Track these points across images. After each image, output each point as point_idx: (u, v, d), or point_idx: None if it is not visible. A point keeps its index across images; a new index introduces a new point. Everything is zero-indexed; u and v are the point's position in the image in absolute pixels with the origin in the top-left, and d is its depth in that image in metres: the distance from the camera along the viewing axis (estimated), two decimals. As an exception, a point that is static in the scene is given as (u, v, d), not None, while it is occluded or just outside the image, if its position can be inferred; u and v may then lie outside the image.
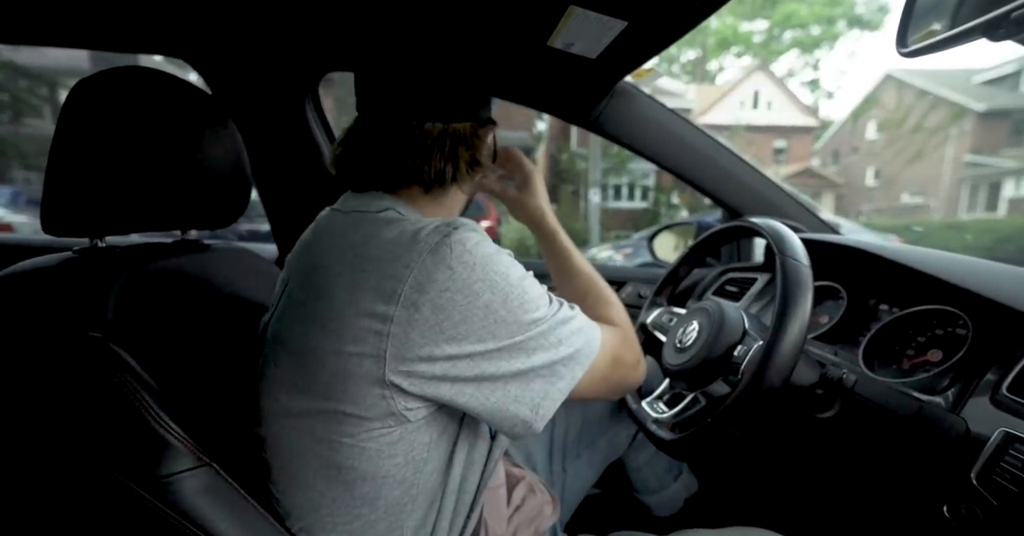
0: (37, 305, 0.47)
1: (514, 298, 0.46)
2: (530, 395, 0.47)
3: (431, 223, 0.47)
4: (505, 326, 0.45)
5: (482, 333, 0.44)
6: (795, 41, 20.49)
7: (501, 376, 0.46)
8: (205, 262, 0.67)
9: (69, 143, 0.51)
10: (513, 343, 0.45)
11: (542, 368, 0.47)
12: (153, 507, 0.44)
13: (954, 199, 13.63)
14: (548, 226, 0.72)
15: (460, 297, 0.44)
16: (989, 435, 0.46)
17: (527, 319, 0.46)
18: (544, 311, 0.48)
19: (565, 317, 0.49)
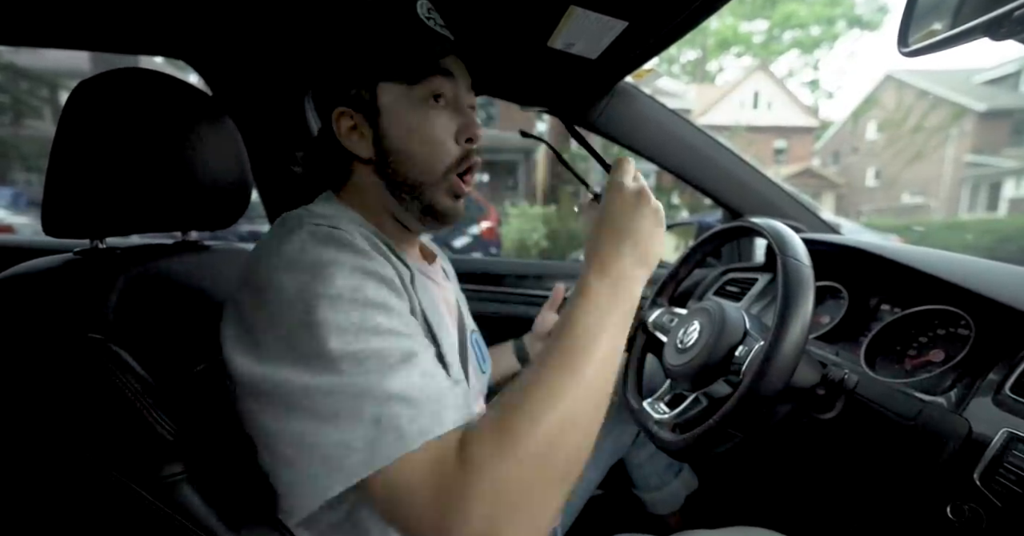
0: (39, 306, 0.47)
1: (298, 315, 0.39)
2: (282, 473, 0.39)
3: (292, 220, 0.48)
4: (281, 345, 0.39)
5: (265, 344, 0.40)
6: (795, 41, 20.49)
7: (262, 420, 0.40)
8: (206, 263, 0.67)
9: (70, 145, 0.51)
10: (278, 381, 0.39)
11: (294, 441, 0.37)
12: (154, 508, 0.44)
13: (955, 199, 13.62)
14: (614, 269, 0.47)
15: (259, 296, 0.42)
16: (992, 436, 0.46)
17: (305, 351, 0.38)
18: (337, 351, 0.37)
19: (365, 386, 0.37)
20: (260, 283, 0.42)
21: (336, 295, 0.39)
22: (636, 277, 0.47)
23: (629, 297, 0.46)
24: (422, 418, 0.37)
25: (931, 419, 0.52)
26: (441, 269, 0.69)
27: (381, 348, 0.39)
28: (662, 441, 0.67)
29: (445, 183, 0.54)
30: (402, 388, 0.37)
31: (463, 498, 0.34)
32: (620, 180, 0.50)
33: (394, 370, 0.38)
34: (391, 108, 0.52)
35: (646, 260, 0.48)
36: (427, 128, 0.52)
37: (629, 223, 0.47)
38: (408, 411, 0.37)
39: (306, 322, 0.38)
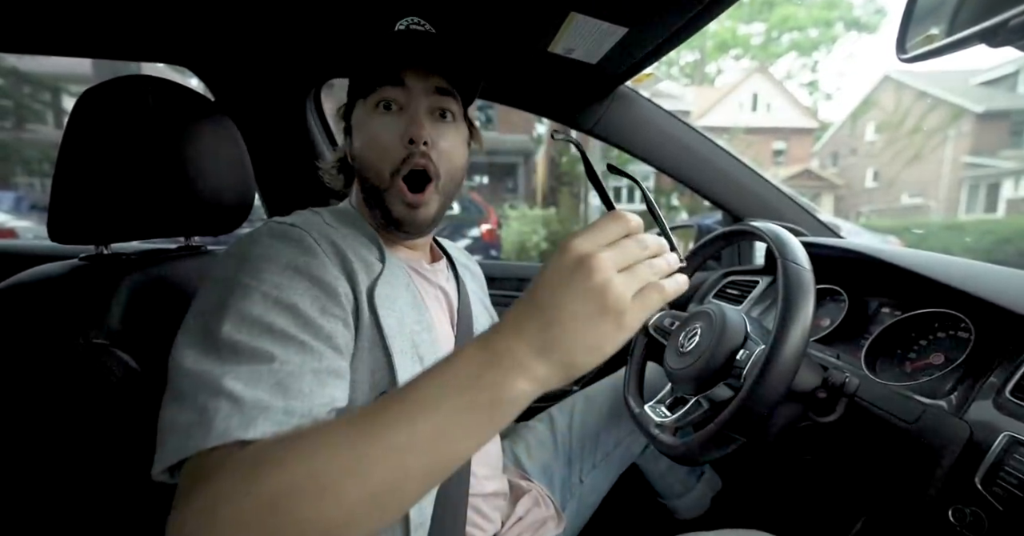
0: (46, 312, 0.47)
1: (212, 297, 0.43)
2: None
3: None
4: (186, 322, 0.43)
5: (187, 317, 0.44)
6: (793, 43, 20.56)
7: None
8: (208, 268, 0.67)
9: (76, 152, 0.52)
10: (175, 350, 0.41)
11: (166, 411, 0.39)
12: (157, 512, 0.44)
13: (953, 200, 13.63)
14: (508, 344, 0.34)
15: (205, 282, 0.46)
16: (993, 439, 0.46)
17: (201, 330, 0.41)
18: (227, 338, 0.39)
19: (215, 386, 0.37)
20: (212, 270, 0.46)
21: (254, 287, 0.42)
22: (525, 368, 0.32)
23: (499, 389, 0.32)
24: (233, 418, 0.36)
25: (932, 422, 0.52)
26: (446, 270, 0.69)
27: (260, 348, 0.39)
28: (663, 445, 0.67)
29: (395, 188, 0.55)
30: (238, 389, 0.37)
31: (183, 507, 0.33)
32: (572, 241, 0.34)
33: (250, 371, 0.38)
34: (356, 122, 0.58)
35: (552, 353, 0.32)
36: (374, 132, 0.55)
37: (548, 297, 0.33)
38: (227, 408, 0.36)
39: (217, 304, 0.41)
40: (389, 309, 0.50)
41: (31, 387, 0.45)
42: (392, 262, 0.54)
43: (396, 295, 0.52)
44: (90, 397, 0.45)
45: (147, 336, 0.51)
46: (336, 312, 0.45)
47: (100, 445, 0.45)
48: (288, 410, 0.38)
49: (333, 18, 0.80)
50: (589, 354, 0.33)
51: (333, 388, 0.42)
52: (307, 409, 0.39)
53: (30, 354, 0.46)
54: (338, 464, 0.31)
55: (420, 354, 0.52)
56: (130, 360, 0.47)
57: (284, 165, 1.11)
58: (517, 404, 0.33)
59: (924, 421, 0.53)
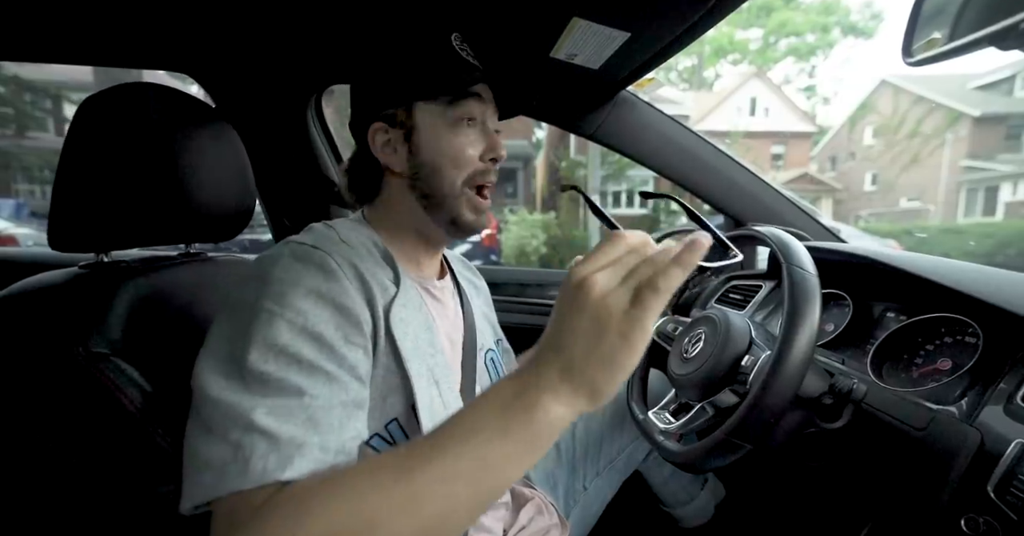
0: (45, 320, 0.46)
1: (235, 324, 0.42)
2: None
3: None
4: (206, 346, 0.42)
5: (207, 341, 0.43)
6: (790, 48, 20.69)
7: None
8: (209, 274, 0.67)
9: (77, 159, 0.51)
10: (197, 375, 0.40)
11: (191, 445, 0.38)
12: (157, 520, 0.43)
13: (952, 203, 13.66)
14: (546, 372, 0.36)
15: (228, 300, 0.45)
16: (1005, 447, 0.45)
17: (227, 357, 0.40)
18: (264, 366, 0.39)
19: (233, 413, 0.37)
20: (232, 292, 0.45)
21: (278, 313, 0.41)
22: (555, 391, 0.34)
23: (533, 411, 0.34)
24: (270, 457, 0.36)
25: (941, 429, 0.52)
26: (452, 285, 0.68)
27: (288, 379, 0.39)
28: (668, 452, 0.66)
29: (464, 197, 0.57)
30: (273, 426, 0.37)
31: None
32: (574, 268, 0.35)
33: (281, 405, 0.38)
34: (426, 126, 0.56)
35: (573, 374, 0.34)
36: (458, 146, 0.56)
37: (560, 323, 0.35)
38: (263, 446, 0.36)
39: (242, 330, 0.40)
40: (404, 332, 0.50)
41: (31, 395, 0.45)
42: (406, 283, 0.54)
43: (411, 318, 0.52)
44: (90, 406, 0.45)
45: (147, 344, 0.51)
46: (358, 340, 0.45)
47: (100, 454, 0.44)
48: (323, 446, 0.38)
49: (334, 25, 0.80)
50: (604, 370, 0.33)
51: (357, 420, 0.42)
52: (340, 444, 0.39)
53: (30, 362, 0.45)
54: (388, 503, 0.32)
55: (436, 378, 0.52)
56: (130, 368, 0.46)
57: (285, 171, 1.11)
58: (554, 427, 0.34)
59: (933, 428, 0.52)
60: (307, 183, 1.11)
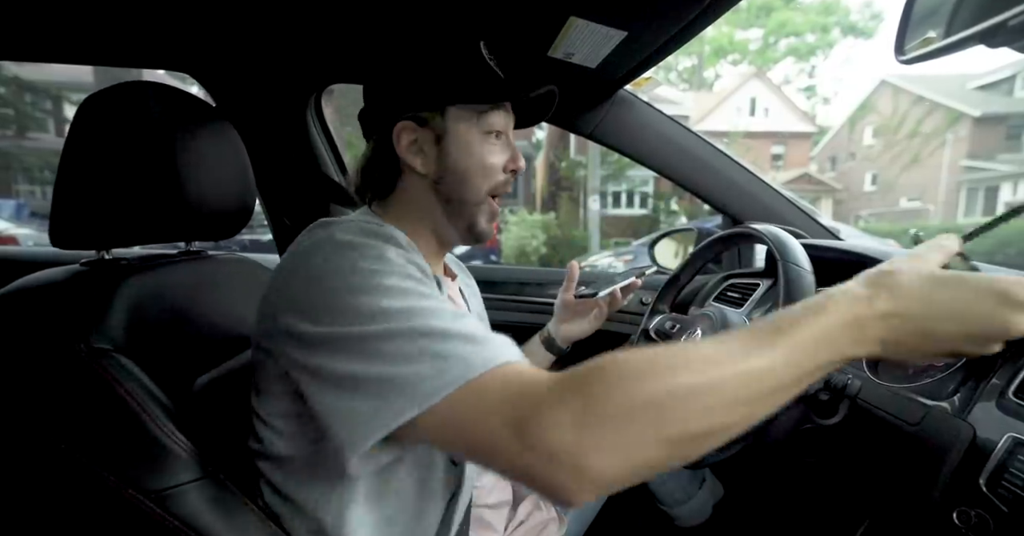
0: (47, 317, 0.47)
1: (353, 284, 0.41)
2: (351, 412, 0.38)
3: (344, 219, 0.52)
4: (335, 313, 0.40)
5: (318, 316, 0.41)
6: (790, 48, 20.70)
7: (329, 374, 0.40)
8: (209, 273, 0.67)
9: (78, 157, 0.52)
10: (337, 334, 0.39)
11: (369, 380, 0.38)
12: (158, 518, 0.44)
13: (952, 203, 13.67)
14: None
15: (309, 275, 0.43)
16: (997, 441, 0.46)
17: (360, 311, 0.39)
18: (393, 307, 0.39)
19: (428, 328, 0.38)
20: (315, 268, 0.44)
21: (388, 271, 0.42)
22: (889, 336, 0.37)
23: (860, 346, 0.37)
24: (485, 352, 0.37)
25: (935, 424, 0.52)
26: (459, 287, 0.69)
27: (431, 306, 0.41)
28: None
29: (485, 204, 0.59)
30: (464, 329, 0.39)
31: (550, 407, 0.33)
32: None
33: (453, 319, 0.40)
34: (458, 132, 0.56)
35: (914, 336, 0.38)
36: (487, 156, 0.57)
37: (959, 293, 0.38)
38: (471, 346, 0.38)
39: (365, 286, 0.41)
40: None
41: (33, 392, 0.45)
42: (440, 280, 0.56)
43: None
44: (91, 402, 0.45)
45: (148, 341, 0.51)
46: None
47: (101, 450, 0.45)
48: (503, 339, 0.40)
49: (335, 24, 0.81)
50: (928, 348, 0.38)
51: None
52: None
53: (32, 359, 0.45)
54: (732, 372, 0.34)
55: None
56: (131, 364, 0.47)
57: (284, 171, 1.11)
58: (843, 359, 0.37)
59: (927, 423, 0.53)
60: (307, 182, 1.12)
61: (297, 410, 0.46)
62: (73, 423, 0.45)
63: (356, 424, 0.37)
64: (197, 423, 0.50)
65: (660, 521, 0.98)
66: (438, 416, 0.36)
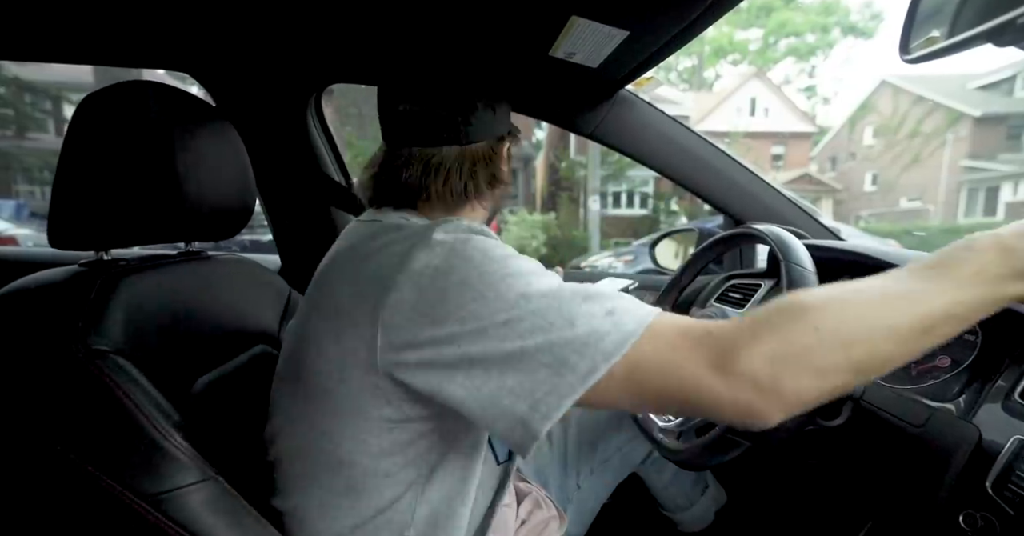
0: (45, 318, 0.46)
1: (493, 271, 0.41)
2: (530, 386, 0.39)
3: (433, 222, 0.49)
4: (484, 302, 0.40)
5: (462, 312, 0.40)
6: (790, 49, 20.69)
7: (490, 360, 0.40)
8: (209, 273, 0.67)
9: (76, 157, 0.51)
10: (497, 322, 0.40)
11: (541, 352, 0.39)
12: (155, 521, 0.43)
13: (952, 203, 13.66)
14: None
15: (438, 275, 0.42)
16: (1003, 443, 0.45)
17: (512, 294, 0.40)
18: (539, 286, 0.41)
19: (586, 294, 0.41)
20: (428, 266, 0.43)
21: (513, 253, 0.45)
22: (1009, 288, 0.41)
23: (989, 304, 0.41)
24: (642, 306, 0.41)
25: (940, 426, 0.52)
26: None
27: (564, 283, 0.43)
28: (666, 449, 0.66)
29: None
30: (610, 291, 0.42)
31: (747, 345, 0.37)
32: None
33: (589, 288, 0.42)
34: (504, 158, 0.59)
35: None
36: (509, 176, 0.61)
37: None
38: (631, 303, 0.41)
39: (506, 271, 0.42)
40: None
41: (30, 393, 0.45)
42: None
43: None
44: (89, 403, 0.45)
45: (147, 342, 0.51)
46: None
47: (98, 452, 0.44)
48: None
49: (335, 24, 0.80)
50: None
51: None
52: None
53: (29, 360, 0.45)
54: (902, 310, 0.39)
55: None
56: (129, 366, 0.46)
57: (285, 170, 1.11)
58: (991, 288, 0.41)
59: (932, 425, 0.53)
60: (307, 182, 1.12)
61: (396, 421, 0.46)
62: (70, 425, 0.44)
63: (539, 397, 0.39)
64: (196, 425, 0.49)
65: (662, 526, 0.97)
66: (625, 368, 0.38)
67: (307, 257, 1.15)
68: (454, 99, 0.53)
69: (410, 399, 0.45)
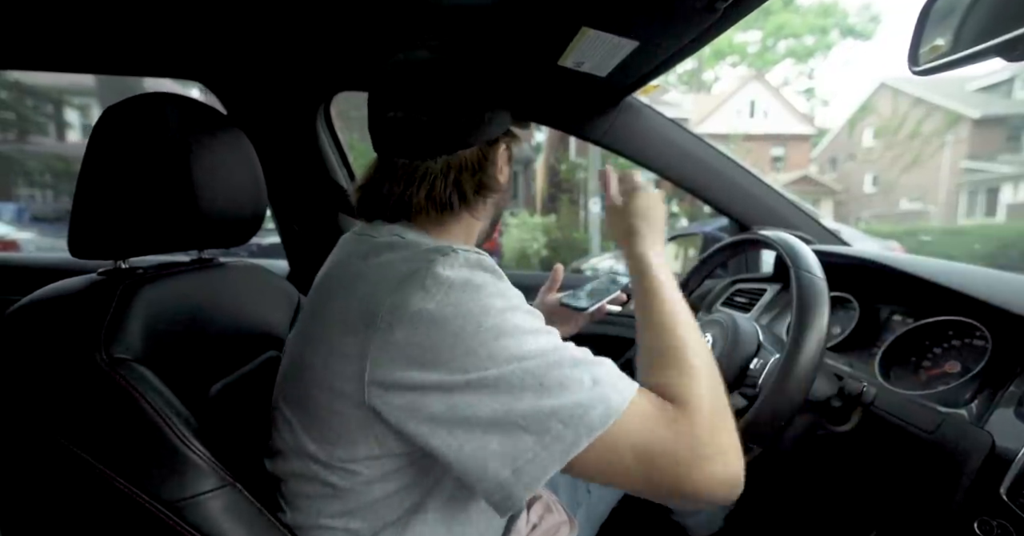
0: (66, 327, 0.47)
1: (489, 327, 0.40)
2: (513, 452, 0.38)
3: (424, 248, 0.47)
4: (475, 358, 0.40)
5: (452, 364, 0.40)
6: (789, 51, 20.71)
7: (475, 419, 0.39)
8: (221, 280, 0.67)
9: (97, 169, 0.52)
10: (486, 379, 0.39)
11: (527, 417, 0.38)
12: (175, 527, 0.44)
13: (952, 205, 13.66)
14: (635, 251, 0.57)
15: (433, 323, 0.41)
16: (1017, 449, 0.45)
17: (504, 354, 0.40)
18: (533, 346, 0.41)
19: (574, 360, 0.41)
20: (434, 314, 0.41)
21: (515, 307, 0.43)
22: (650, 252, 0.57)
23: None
24: (623, 377, 0.42)
25: (952, 432, 0.52)
26: None
27: (558, 343, 0.43)
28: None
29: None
30: (600, 362, 0.43)
31: (701, 428, 0.40)
32: (636, 185, 0.65)
33: (582, 352, 0.43)
34: (502, 163, 0.57)
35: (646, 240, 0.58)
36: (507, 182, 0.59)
37: (645, 213, 0.61)
38: (610, 370, 0.42)
39: (497, 328, 0.41)
40: None
41: (53, 402, 0.45)
42: None
43: None
44: (112, 412, 0.45)
45: (166, 349, 0.51)
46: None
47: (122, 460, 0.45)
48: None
49: (343, 33, 0.81)
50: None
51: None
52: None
53: (52, 369, 0.46)
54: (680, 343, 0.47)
55: None
56: (150, 374, 0.47)
57: (294, 178, 1.11)
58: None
59: (943, 430, 0.53)
60: (316, 189, 1.12)
61: (384, 453, 0.45)
62: (94, 433, 0.45)
63: (522, 463, 0.39)
64: (213, 431, 0.50)
65: (672, 532, 0.97)
66: (606, 441, 0.39)
67: (315, 262, 1.15)
68: (439, 105, 0.51)
69: (395, 436, 0.44)
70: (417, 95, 0.51)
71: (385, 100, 0.52)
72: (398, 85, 0.52)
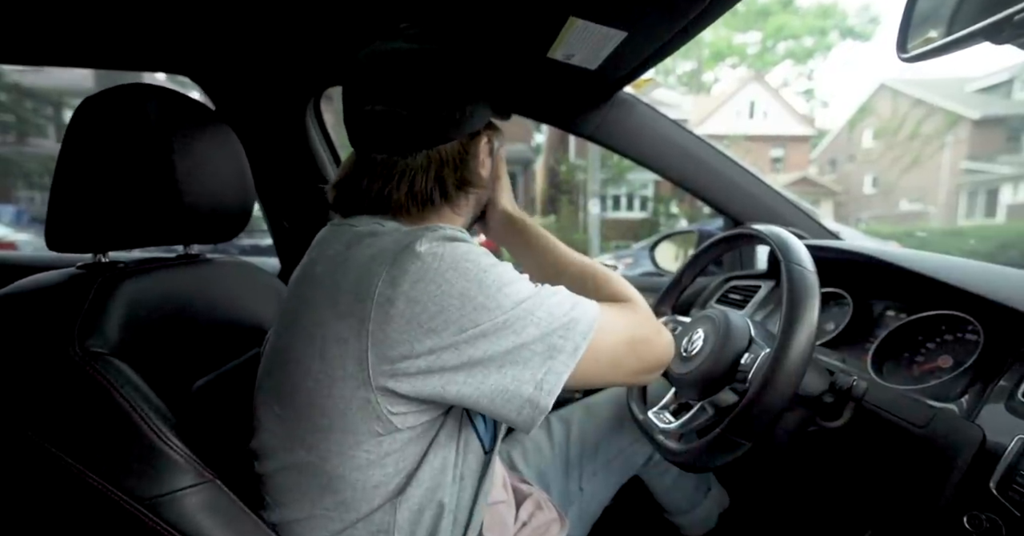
0: (42, 320, 0.46)
1: (490, 283, 0.44)
2: (530, 372, 0.44)
3: (405, 231, 0.48)
4: (485, 311, 0.43)
5: (463, 321, 0.43)
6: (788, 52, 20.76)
7: (491, 358, 0.44)
8: (207, 276, 0.67)
9: (75, 160, 0.51)
10: (497, 325, 0.43)
11: (535, 342, 0.44)
12: (153, 525, 0.43)
13: (952, 205, 13.67)
14: (519, 220, 0.65)
15: (433, 287, 0.43)
16: (1007, 443, 0.45)
17: (508, 301, 0.44)
18: (527, 291, 0.46)
19: (551, 292, 0.48)
20: (423, 279, 0.43)
21: (495, 260, 0.47)
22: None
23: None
24: (587, 304, 0.50)
25: (943, 426, 0.52)
26: None
27: (535, 284, 0.49)
28: (668, 451, 0.66)
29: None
30: (558, 287, 0.50)
31: (645, 311, 0.56)
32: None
33: (551, 287, 0.49)
34: (495, 156, 0.60)
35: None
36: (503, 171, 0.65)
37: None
38: (571, 293, 0.50)
39: (498, 280, 0.45)
40: None
41: (27, 395, 0.44)
42: None
43: None
44: (86, 406, 0.44)
45: (145, 344, 0.50)
46: None
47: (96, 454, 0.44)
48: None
49: (332, 26, 0.81)
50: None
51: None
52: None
53: (26, 362, 0.45)
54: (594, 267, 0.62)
55: None
56: (127, 368, 0.46)
57: (284, 174, 1.11)
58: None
59: (935, 425, 0.52)
60: (306, 185, 1.12)
61: (387, 431, 0.46)
62: (66, 428, 0.44)
63: (540, 377, 0.45)
64: (194, 427, 0.49)
65: (665, 530, 0.97)
66: (596, 341, 0.47)
67: (306, 260, 1.15)
68: (420, 98, 0.49)
69: (402, 409, 0.45)
70: (396, 88, 0.49)
71: (362, 93, 0.51)
72: (376, 78, 0.50)
